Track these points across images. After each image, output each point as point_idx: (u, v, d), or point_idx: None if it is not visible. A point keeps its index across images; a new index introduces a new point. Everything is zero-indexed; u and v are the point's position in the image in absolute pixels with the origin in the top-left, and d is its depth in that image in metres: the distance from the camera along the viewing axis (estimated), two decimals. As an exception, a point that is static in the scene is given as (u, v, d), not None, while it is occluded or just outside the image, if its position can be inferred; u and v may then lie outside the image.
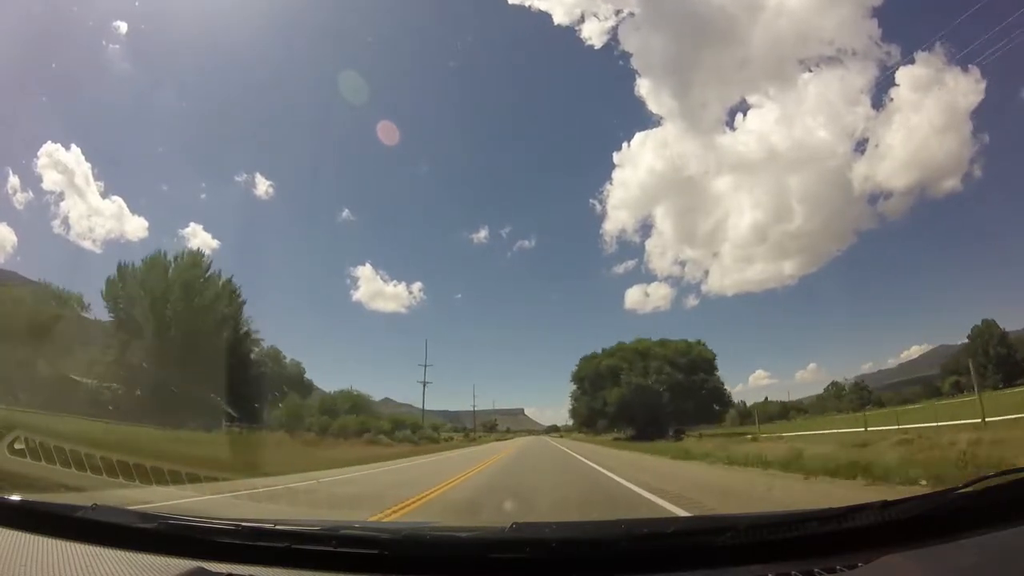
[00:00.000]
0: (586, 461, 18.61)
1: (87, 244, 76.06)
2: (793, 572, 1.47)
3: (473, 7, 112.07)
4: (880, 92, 79.88)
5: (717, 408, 55.57)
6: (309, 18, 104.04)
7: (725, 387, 55.86)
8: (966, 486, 1.71)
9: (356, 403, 44.58)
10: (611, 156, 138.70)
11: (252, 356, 36.06)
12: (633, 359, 53.39)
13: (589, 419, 57.06)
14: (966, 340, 64.79)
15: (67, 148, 69.41)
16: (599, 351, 59.32)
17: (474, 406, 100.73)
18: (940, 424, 21.91)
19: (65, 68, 68.92)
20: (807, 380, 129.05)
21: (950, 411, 27.25)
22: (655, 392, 49.77)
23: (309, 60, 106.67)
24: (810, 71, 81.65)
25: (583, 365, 57.91)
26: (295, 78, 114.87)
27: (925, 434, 13.84)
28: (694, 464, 15.19)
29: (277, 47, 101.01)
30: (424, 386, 67.74)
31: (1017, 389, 41.74)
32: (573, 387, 59.61)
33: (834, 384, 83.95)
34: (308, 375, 51.08)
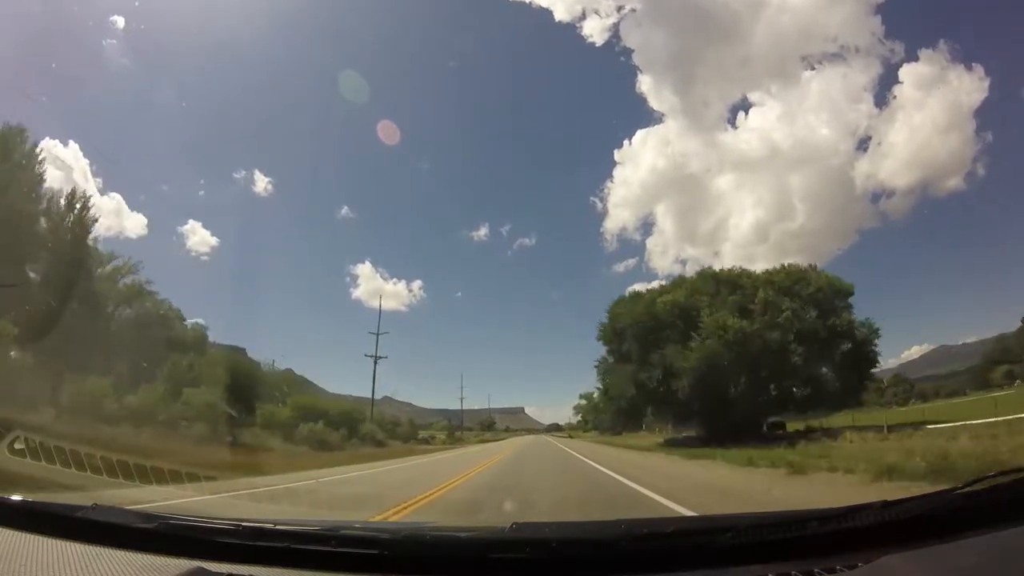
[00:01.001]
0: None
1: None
2: (793, 572, 1.47)
3: (473, 5, 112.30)
4: (883, 90, 79.68)
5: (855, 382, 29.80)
6: (309, 17, 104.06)
7: (875, 342, 28.95)
8: (966, 486, 1.71)
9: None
10: (612, 154, 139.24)
11: (134, 313, 25.72)
12: (717, 292, 29.50)
13: (635, 404, 31.75)
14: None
15: (65, 144, 69.00)
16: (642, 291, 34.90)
17: (462, 400, 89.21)
18: None
19: (62, 64, 68.57)
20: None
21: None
22: (775, 345, 25.44)
23: (309, 59, 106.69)
24: (813, 68, 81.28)
25: (621, 310, 32.75)
26: (295, 76, 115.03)
27: None
28: None
29: (277, 45, 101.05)
30: (375, 362, 47.01)
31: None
32: (591, 375, 37.61)
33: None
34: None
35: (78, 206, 23.15)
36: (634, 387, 30.35)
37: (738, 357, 25.60)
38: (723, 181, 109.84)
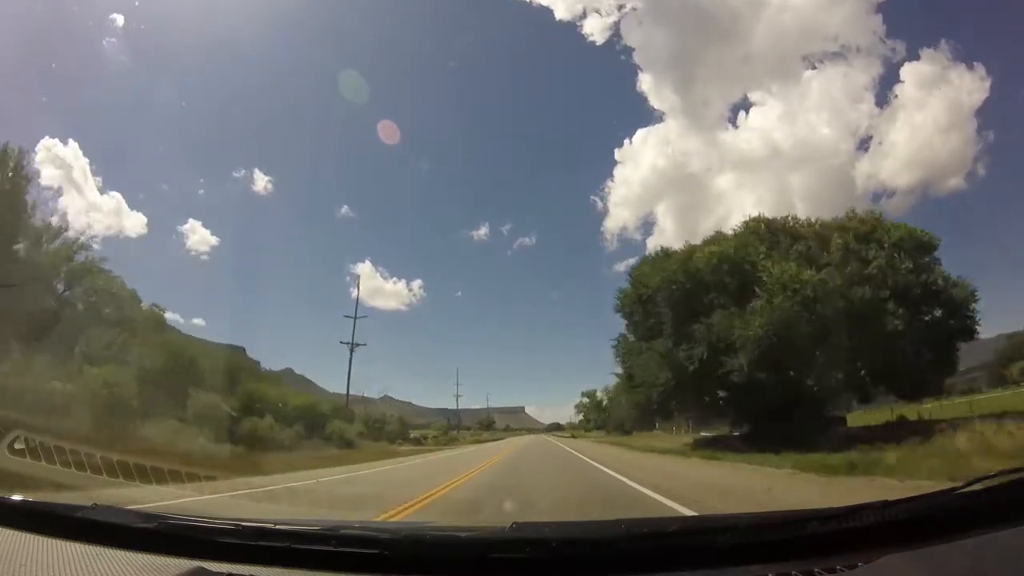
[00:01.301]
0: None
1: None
2: (793, 572, 1.47)
3: (473, 5, 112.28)
4: (884, 89, 79.15)
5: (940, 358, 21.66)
6: (309, 17, 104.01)
7: (974, 305, 20.81)
8: (966, 486, 1.71)
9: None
10: (612, 153, 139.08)
11: (82, 290, 22.98)
12: (776, 242, 22.62)
13: (669, 392, 22.68)
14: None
15: (64, 143, 68.78)
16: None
17: (457, 398, 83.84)
18: None
19: (62, 63, 68.66)
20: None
21: None
22: (861, 305, 18.95)
23: (309, 59, 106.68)
24: (814, 68, 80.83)
25: (648, 270, 24.59)
26: (295, 76, 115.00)
27: None
28: None
29: (277, 45, 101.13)
30: (351, 350, 40.70)
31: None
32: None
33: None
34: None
35: (12, 163, 20.05)
36: (670, 367, 21.95)
37: (819, 322, 18.49)
38: (724, 180, 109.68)
